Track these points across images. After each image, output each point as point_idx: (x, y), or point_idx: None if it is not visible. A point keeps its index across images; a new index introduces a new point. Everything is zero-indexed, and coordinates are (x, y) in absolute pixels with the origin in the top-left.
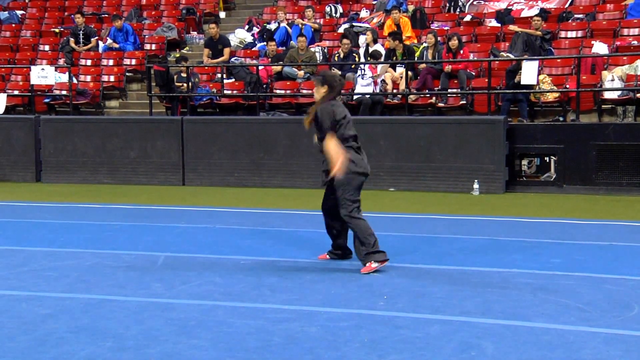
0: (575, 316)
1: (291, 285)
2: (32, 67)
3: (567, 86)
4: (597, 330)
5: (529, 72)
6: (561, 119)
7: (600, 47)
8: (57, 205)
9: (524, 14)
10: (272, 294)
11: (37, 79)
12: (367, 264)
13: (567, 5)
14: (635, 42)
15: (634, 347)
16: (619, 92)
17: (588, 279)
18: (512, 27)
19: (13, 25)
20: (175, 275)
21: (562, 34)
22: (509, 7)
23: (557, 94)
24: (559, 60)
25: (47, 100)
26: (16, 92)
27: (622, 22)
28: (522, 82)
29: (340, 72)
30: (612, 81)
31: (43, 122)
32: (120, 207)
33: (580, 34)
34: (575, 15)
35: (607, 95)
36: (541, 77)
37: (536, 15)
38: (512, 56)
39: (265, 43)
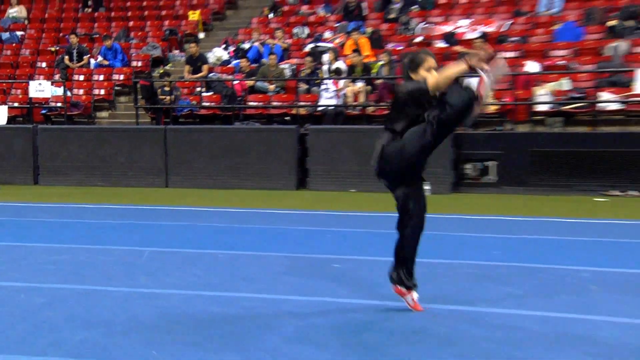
0: (513, 301)
1: (263, 277)
2: (31, 82)
3: (505, 100)
4: (531, 313)
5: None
6: (500, 128)
7: (532, 66)
8: (53, 206)
9: (467, 36)
10: (246, 284)
11: (35, 93)
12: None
13: (503, 29)
14: (562, 62)
15: (563, 327)
16: (549, 105)
17: (523, 268)
18: (458, 48)
19: (13, 44)
20: (159, 268)
21: (501, 54)
22: (455, 30)
23: (496, 107)
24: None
25: (44, 111)
26: (16, 105)
27: (551, 44)
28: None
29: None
30: (543, 95)
31: (40, 131)
32: (111, 207)
33: (515, 54)
34: (511, 38)
35: (539, 107)
36: None
37: (478, 38)
38: None
39: (239, 60)
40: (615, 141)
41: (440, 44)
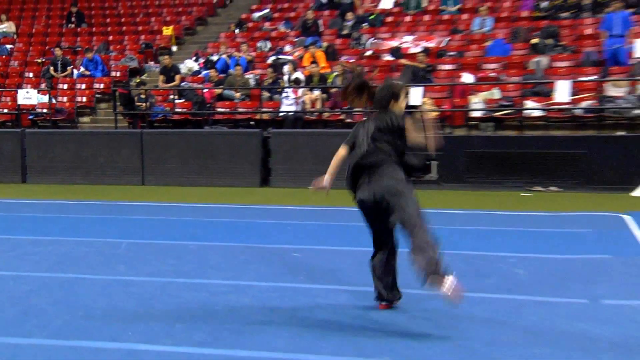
0: None
1: (229, 265)
2: (19, 90)
3: (444, 107)
4: (466, 295)
5: (415, 96)
6: (440, 132)
7: (468, 77)
8: (39, 202)
9: (411, 51)
10: (214, 272)
11: (23, 100)
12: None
13: (442, 45)
14: (493, 74)
15: (494, 306)
16: (482, 112)
17: (460, 255)
18: (403, 61)
19: (3, 56)
20: (135, 258)
21: (440, 66)
22: (400, 45)
23: (436, 113)
24: (437, 87)
25: (31, 117)
26: (6, 111)
27: (483, 58)
28: (409, 103)
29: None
30: (477, 103)
31: (28, 135)
32: (92, 203)
33: (453, 67)
34: (449, 53)
35: (474, 114)
36: (424, 99)
37: (420, 52)
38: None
39: (208, 71)
40: (538, 143)
41: (388, 57)
